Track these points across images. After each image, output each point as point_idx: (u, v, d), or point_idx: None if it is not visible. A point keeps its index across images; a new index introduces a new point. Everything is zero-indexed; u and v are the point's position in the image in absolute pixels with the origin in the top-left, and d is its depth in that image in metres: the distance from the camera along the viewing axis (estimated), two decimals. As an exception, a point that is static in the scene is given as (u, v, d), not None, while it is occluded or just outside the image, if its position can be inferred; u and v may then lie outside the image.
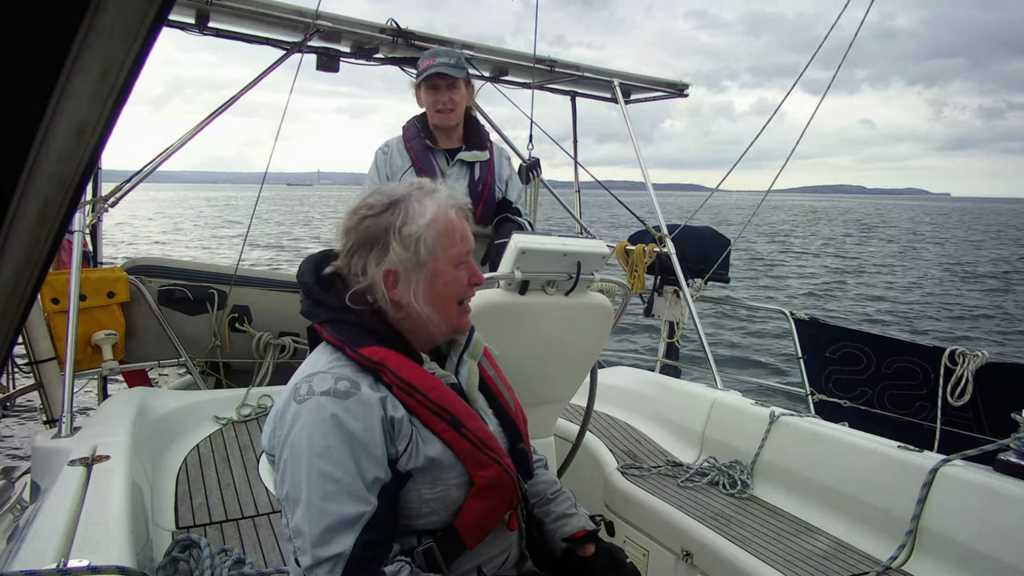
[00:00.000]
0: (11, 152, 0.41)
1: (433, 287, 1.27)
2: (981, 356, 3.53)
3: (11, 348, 0.57)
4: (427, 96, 2.74)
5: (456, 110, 2.75)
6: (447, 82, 2.70)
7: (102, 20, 0.38)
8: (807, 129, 3.48)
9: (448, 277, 1.28)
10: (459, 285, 1.30)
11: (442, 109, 2.72)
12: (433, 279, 1.26)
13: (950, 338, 12.09)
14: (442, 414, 1.23)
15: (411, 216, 1.24)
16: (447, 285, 1.28)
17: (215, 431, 2.75)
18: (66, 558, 1.40)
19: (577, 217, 4.91)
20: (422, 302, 1.26)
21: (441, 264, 1.27)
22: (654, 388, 3.28)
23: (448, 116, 2.74)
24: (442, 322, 1.30)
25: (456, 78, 2.70)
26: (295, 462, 1.14)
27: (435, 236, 1.25)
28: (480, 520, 1.27)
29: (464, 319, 1.35)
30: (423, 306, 1.26)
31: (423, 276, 1.25)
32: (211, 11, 3.08)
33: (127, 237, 29.31)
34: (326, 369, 1.20)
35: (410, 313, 1.27)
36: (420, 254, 1.24)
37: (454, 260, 1.29)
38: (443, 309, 1.29)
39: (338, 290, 1.28)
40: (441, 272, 1.27)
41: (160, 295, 3.51)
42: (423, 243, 1.24)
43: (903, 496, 2.05)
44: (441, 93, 2.71)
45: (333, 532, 1.10)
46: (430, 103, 2.74)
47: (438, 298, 1.28)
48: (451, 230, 1.27)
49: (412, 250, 1.24)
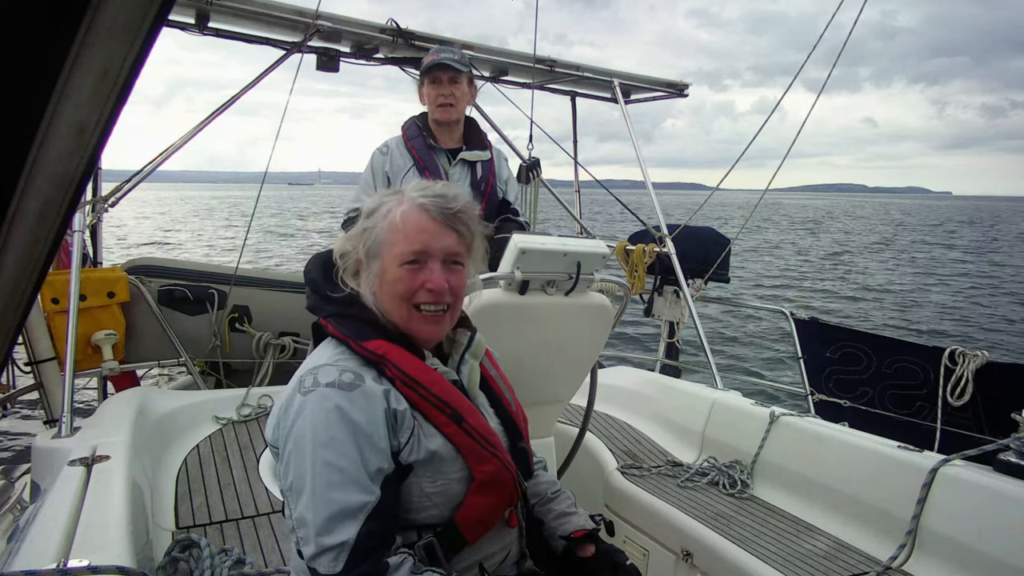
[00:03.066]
0: (11, 151, 0.41)
1: (381, 283, 1.27)
2: (981, 356, 3.53)
3: (11, 348, 0.57)
4: (429, 90, 2.73)
5: (457, 105, 2.73)
6: (449, 75, 2.68)
7: (102, 20, 0.38)
8: (805, 127, 3.49)
9: (392, 275, 1.26)
10: (404, 285, 1.25)
11: (443, 103, 2.70)
12: (381, 274, 1.27)
13: (950, 337, 12.10)
14: (443, 408, 1.24)
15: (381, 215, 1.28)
16: (392, 283, 1.26)
17: (215, 431, 2.75)
18: (66, 558, 1.40)
19: (577, 217, 4.91)
20: (376, 296, 1.28)
21: (388, 261, 1.26)
22: (654, 388, 3.28)
23: (449, 111, 2.72)
24: (396, 321, 1.27)
25: (459, 71, 2.69)
26: (299, 452, 1.14)
27: (384, 230, 1.26)
28: (480, 515, 1.27)
29: (421, 327, 1.27)
30: (376, 300, 1.28)
31: (374, 270, 1.28)
32: (211, 11, 3.08)
33: (127, 234, 29.40)
34: (331, 362, 1.22)
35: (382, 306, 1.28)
36: (368, 246, 1.28)
37: (398, 259, 1.25)
38: (394, 308, 1.27)
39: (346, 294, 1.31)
40: (387, 270, 1.26)
41: (160, 295, 3.51)
42: (373, 236, 1.27)
43: (903, 496, 2.05)
44: (443, 86, 2.70)
45: (337, 521, 1.10)
46: (432, 97, 2.73)
47: (386, 295, 1.27)
48: (407, 231, 1.25)
49: (373, 245, 1.27)
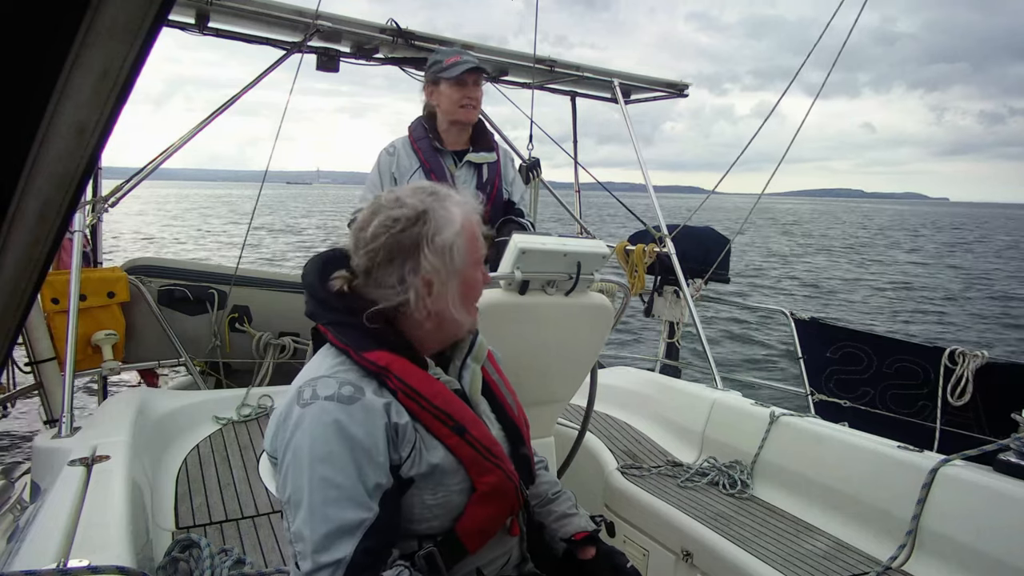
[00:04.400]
0: (11, 152, 0.41)
1: (464, 291, 1.29)
2: (981, 356, 3.53)
3: (11, 348, 0.57)
4: (453, 92, 2.70)
5: (478, 107, 2.76)
6: (474, 78, 2.70)
7: (102, 20, 0.38)
8: (804, 132, 3.50)
9: (475, 280, 1.32)
10: (480, 286, 1.35)
11: (466, 105, 2.71)
12: (464, 284, 1.28)
13: (950, 337, 12.13)
14: (446, 420, 1.22)
15: (440, 225, 1.25)
16: (473, 288, 1.32)
17: (215, 431, 2.75)
18: (66, 558, 1.40)
19: (577, 217, 4.91)
20: (459, 307, 1.28)
21: (469, 269, 1.29)
22: (654, 388, 3.28)
23: (471, 113, 2.74)
24: (469, 323, 1.34)
25: (486, 73, 2.74)
26: (297, 467, 1.13)
27: (464, 243, 1.27)
28: (481, 526, 1.27)
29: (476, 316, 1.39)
30: (459, 311, 1.28)
31: (457, 282, 1.27)
32: (211, 11, 3.08)
33: (128, 233, 29.54)
34: (330, 373, 1.20)
35: (443, 319, 1.28)
36: (454, 262, 1.25)
37: (479, 264, 1.33)
38: (471, 311, 1.34)
39: (345, 297, 1.27)
40: (469, 277, 1.30)
41: (160, 295, 3.51)
42: (455, 250, 1.25)
43: (903, 496, 2.05)
44: (469, 89, 2.70)
45: (334, 538, 1.10)
46: (455, 99, 2.70)
47: (467, 302, 1.31)
48: (475, 235, 1.30)
49: (447, 258, 1.24)
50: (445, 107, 2.74)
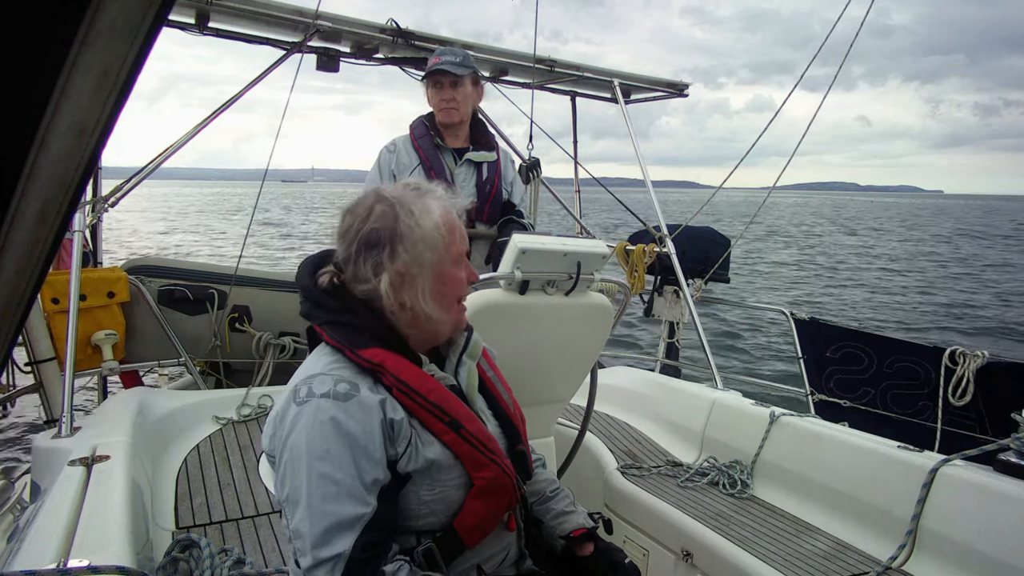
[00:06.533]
0: (11, 152, 0.41)
1: (438, 287, 1.28)
2: (981, 356, 3.53)
3: (11, 348, 0.57)
4: (432, 93, 2.80)
5: (459, 108, 2.77)
6: (450, 79, 2.73)
7: (102, 20, 0.38)
8: (796, 126, 3.50)
9: (451, 277, 1.30)
10: (460, 284, 1.33)
11: (445, 107, 2.76)
12: (438, 279, 1.28)
13: (949, 335, 12.12)
14: (441, 416, 1.23)
15: (417, 218, 1.25)
16: (450, 285, 1.30)
17: (215, 431, 2.75)
18: (66, 558, 1.40)
19: (577, 217, 4.90)
20: (430, 302, 1.27)
21: (447, 265, 1.28)
22: (654, 388, 3.28)
23: (451, 114, 2.77)
24: (447, 321, 1.32)
25: (459, 76, 2.73)
26: (295, 464, 1.14)
27: (440, 237, 1.26)
28: (479, 520, 1.27)
29: (463, 316, 1.38)
30: (431, 306, 1.27)
31: (429, 277, 1.27)
32: (211, 11, 3.07)
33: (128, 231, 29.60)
34: (326, 371, 1.20)
35: (417, 314, 1.28)
36: (426, 256, 1.25)
37: (456, 260, 1.31)
38: (448, 308, 1.32)
39: (338, 293, 1.28)
40: (446, 272, 1.29)
41: (160, 295, 3.51)
42: (429, 244, 1.25)
43: (903, 496, 2.05)
44: (444, 90, 2.75)
45: (333, 533, 1.10)
46: (435, 101, 2.79)
47: (443, 298, 1.30)
48: (453, 230, 1.30)
49: (419, 252, 1.25)
50: (432, 107, 2.82)
